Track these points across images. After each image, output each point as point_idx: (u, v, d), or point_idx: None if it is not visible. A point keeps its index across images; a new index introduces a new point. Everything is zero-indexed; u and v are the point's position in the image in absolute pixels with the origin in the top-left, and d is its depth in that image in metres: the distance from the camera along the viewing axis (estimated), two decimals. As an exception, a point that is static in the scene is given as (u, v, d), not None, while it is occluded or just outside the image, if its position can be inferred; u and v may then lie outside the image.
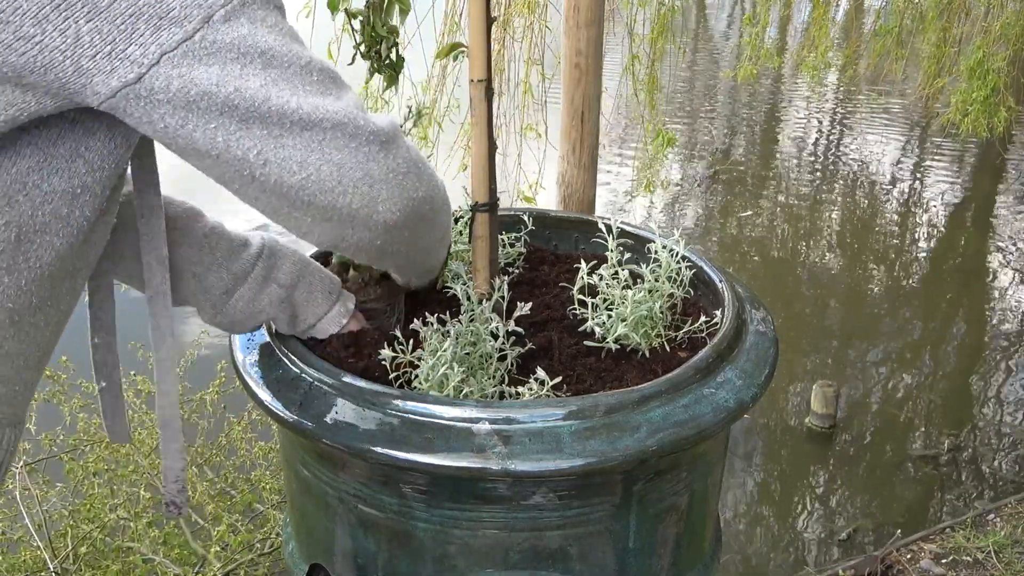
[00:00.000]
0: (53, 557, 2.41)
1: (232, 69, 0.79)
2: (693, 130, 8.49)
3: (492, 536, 1.05)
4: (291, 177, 0.84)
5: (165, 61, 0.77)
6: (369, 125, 0.87)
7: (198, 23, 0.77)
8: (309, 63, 0.84)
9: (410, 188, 0.92)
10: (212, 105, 0.80)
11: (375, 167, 0.88)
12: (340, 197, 0.87)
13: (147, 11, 0.76)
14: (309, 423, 1.03)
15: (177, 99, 0.79)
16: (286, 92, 0.82)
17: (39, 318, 0.89)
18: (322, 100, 0.84)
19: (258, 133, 0.82)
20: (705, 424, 1.03)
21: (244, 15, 0.80)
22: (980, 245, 6.34)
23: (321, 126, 0.84)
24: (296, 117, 0.82)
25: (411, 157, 0.92)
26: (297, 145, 0.83)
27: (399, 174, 0.90)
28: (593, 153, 2.26)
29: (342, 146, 0.85)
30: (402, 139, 0.92)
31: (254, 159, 0.83)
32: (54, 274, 0.88)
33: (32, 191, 0.83)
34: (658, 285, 1.24)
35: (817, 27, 6.10)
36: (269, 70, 0.81)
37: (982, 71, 4.85)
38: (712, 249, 6.07)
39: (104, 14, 0.75)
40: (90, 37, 0.75)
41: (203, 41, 0.78)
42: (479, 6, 1.14)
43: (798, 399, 4.44)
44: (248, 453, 2.83)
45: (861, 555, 3.15)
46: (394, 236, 0.95)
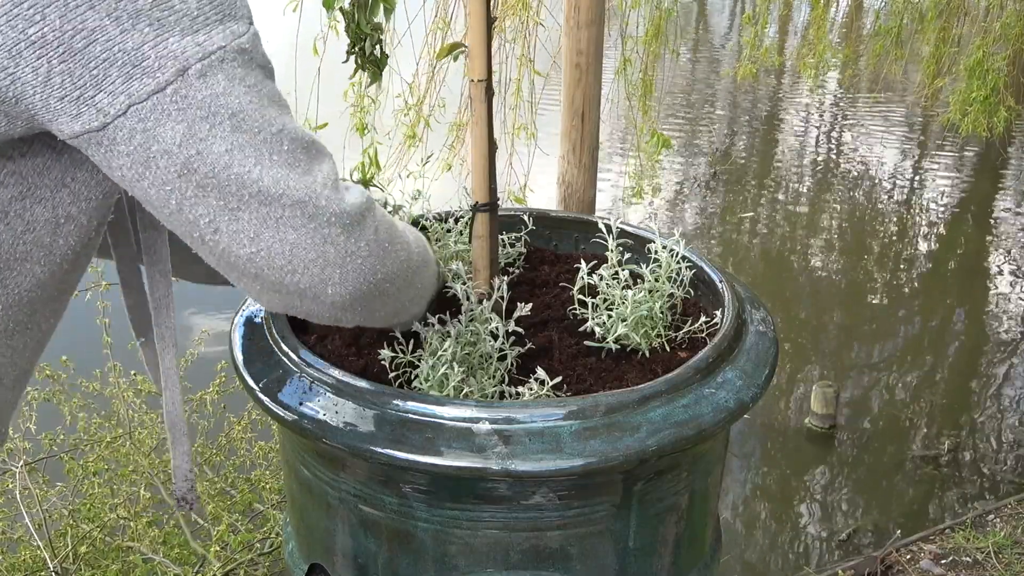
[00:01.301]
0: (53, 557, 2.41)
1: (199, 129, 0.76)
2: (693, 130, 8.49)
3: (492, 536, 1.05)
4: (240, 249, 0.82)
5: (132, 113, 0.74)
6: (332, 205, 0.83)
7: (172, 75, 0.75)
8: (281, 131, 0.80)
9: (368, 271, 0.88)
10: (171, 165, 0.77)
11: (331, 250, 0.84)
12: (289, 275, 0.84)
13: (121, 58, 0.73)
14: (309, 423, 1.03)
15: (137, 153, 0.76)
16: (250, 160, 0.78)
17: (16, 341, 0.88)
18: (287, 173, 0.80)
19: (213, 202, 0.79)
20: (705, 424, 1.03)
21: (222, 72, 0.77)
22: (980, 245, 6.34)
23: (280, 202, 0.80)
24: (255, 189, 0.79)
25: (377, 239, 0.89)
26: (252, 219, 0.80)
27: (358, 258, 0.86)
28: (593, 153, 2.26)
29: (299, 225, 0.82)
30: (370, 219, 0.88)
31: (205, 226, 0.80)
32: (33, 300, 0.86)
33: (13, 220, 0.81)
34: (658, 285, 1.24)
35: (816, 27, 6.10)
36: (237, 134, 0.78)
37: (982, 71, 4.85)
38: (712, 249, 6.08)
39: (77, 56, 0.72)
40: (60, 78, 0.73)
41: (175, 95, 0.75)
42: (479, 6, 1.13)
43: (798, 399, 4.44)
44: (248, 453, 2.84)
45: (861, 555, 3.15)
46: (347, 313, 0.92)
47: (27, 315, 0.86)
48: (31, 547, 2.45)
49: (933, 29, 5.70)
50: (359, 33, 1.16)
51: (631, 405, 1.01)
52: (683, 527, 1.16)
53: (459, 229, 1.40)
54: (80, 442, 2.71)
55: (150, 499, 2.63)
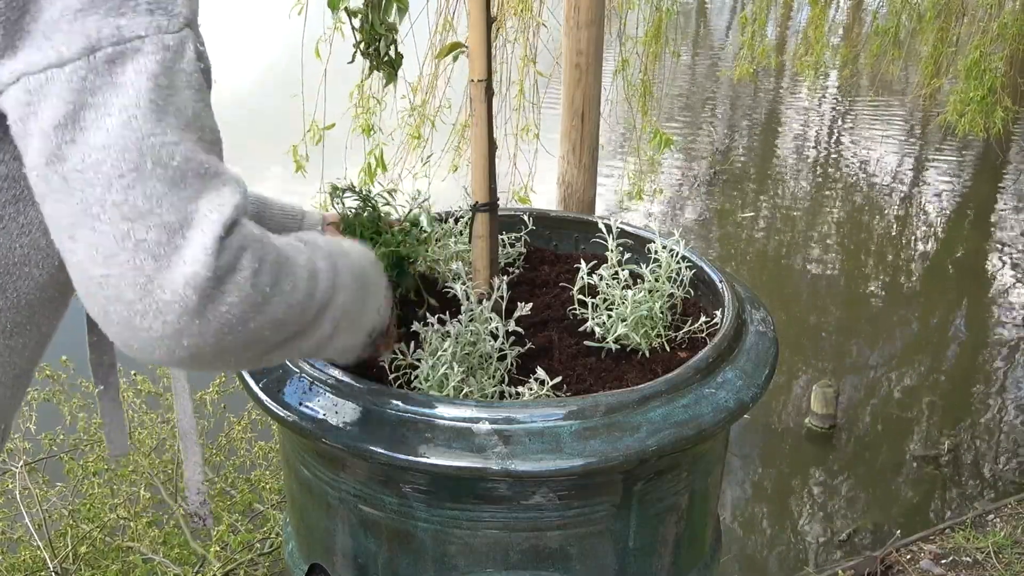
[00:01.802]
0: (53, 557, 2.41)
1: (83, 116, 0.69)
2: (693, 131, 8.49)
3: (492, 536, 1.05)
4: (94, 268, 0.71)
5: (22, 82, 0.69)
6: (204, 239, 0.71)
7: (76, 53, 0.68)
8: (174, 144, 0.71)
9: (236, 321, 0.74)
10: (43, 148, 0.69)
11: (191, 295, 0.71)
12: (139, 317, 0.71)
13: (39, 28, 0.69)
14: (309, 423, 1.03)
15: (17, 126, 0.70)
16: (126, 164, 0.69)
17: (15, 341, 0.86)
18: (165, 191, 0.70)
19: (76, 203, 0.69)
20: (705, 424, 1.03)
21: (132, 64, 0.70)
22: (980, 245, 6.34)
23: (146, 221, 0.69)
24: (122, 199, 0.69)
25: (256, 283, 0.74)
26: (111, 234, 0.69)
27: (222, 305, 0.73)
28: (593, 154, 2.26)
29: (161, 255, 0.70)
30: (246, 265, 0.74)
31: (64, 228, 0.71)
32: (32, 302, 0.84)
33: (9, 224, 0.78)
34: (658, 285, 1.24)
35: (815, 27, 6.10)
36: (124, 131, 0.69)
37: (979, 71, 4.85)
38: (712, 249, 6.08)
39: (11, 29, 0.69)
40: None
41: (72, 74, 0.68)
42: (479, 6, 1.14)
43: (798, 399, 4.44)
44: (248, 453, 2.84)
45: (861, 555, 3.15)
46: (219, 364, 0.79)
47: (26, 317, 0.85)
48: (31, 547, 2.46)
49: (931, 29, 5.70)
50: (373, 34, 1.15)
51: (631, 405, 1.01)
52: (683, 527, 1.16)
53: (459, 229, 1.40)
54: (80, 442, 2.72)
55: (150, 499, 2.64)
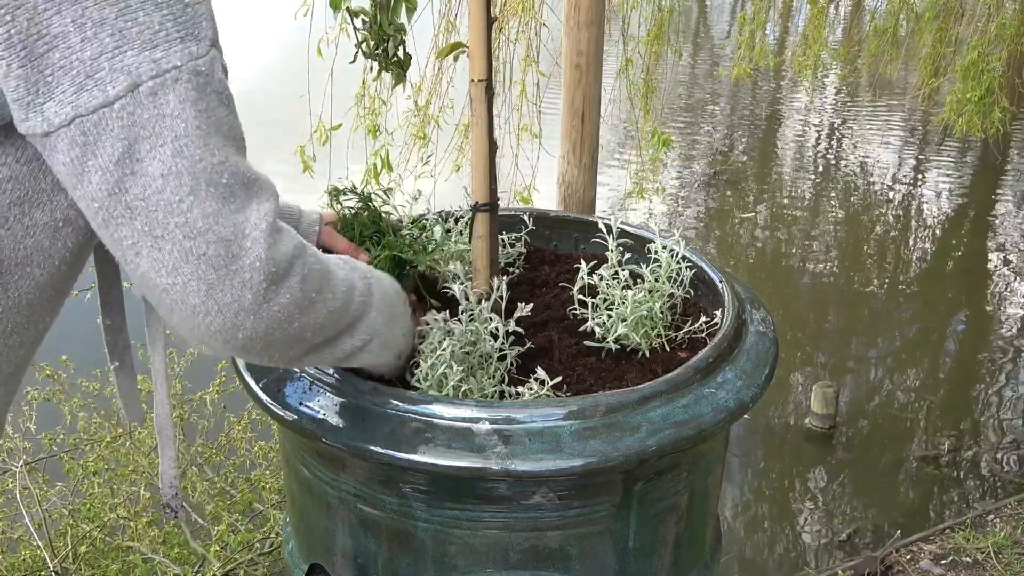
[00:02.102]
0: (53, 556, 2.41)
1: (138, 148, 0.74)
2: (693, 131, 8.49)
3: (492, 536, 1.05)
4: (158, 278, 0.79)
5: (76, 124, 0.73)
6: (258, 248, 0.80)
7: (122, 90, 0.73)
8: (223, 162, 0.78)
9: (284, 319, 0.84)
10: (103, 182, 0.75)
11: (248, 296, 0.80)
12: (202, 316, 0.80)
13: (76, 67, 0.72)
14: (309, 423, 1.03)
15: (74, 164, 0.75)
16: (184, 189, 0.76)
17: (13, 340, 0.88)
18: (219, 208, 0.78)
19: (138, 226, 0.77)
20: (705, 424, 1.03)
21: (173, 92, 0.75)
22: (980, 245, 6.34)
23: (204, 238, 0.77)
24: (182, 220, 0.76)
25: (303, 288, 0.85)
26: (173, 251, 0.77)
27: (275, 305, 0.82)
28: (593, 154, 2.26)
29: (220, 265, 0.78)
30: (298, 268, 0.84)
31: (127, 247, 0.78)
32: (32, 302, 0.86)
33: (14, 225, 0.81)
34: (658, 285, 1.24)
35: (814, 27, 6.10)
36: (177, 159, 0.75)
37: (977, 71, 4.84)
38: (712, 249, 6.08)
39: (36, 62, 0.72)
40: (16, 82, 0.72)
41: (121, 111, 0.73)
42: (479, 6, 1.13)
43: (798, 399, 4.44)
44: (248, 453, 2.84)
45: (861, 555, 3.15)
46: (262, 356, 0.88)
47: (25, 316, 0.86)
48: (31, 547, 2.46)
49: (929, 29, 5.70)
50: (381, 34, 1.15)
51: (631, 405, 1.01)
52: (683, 527, 1.16)
53: (459, 229, 1.40)
54: (80, 442, 2.72)
55: (150, 499, 2.63)
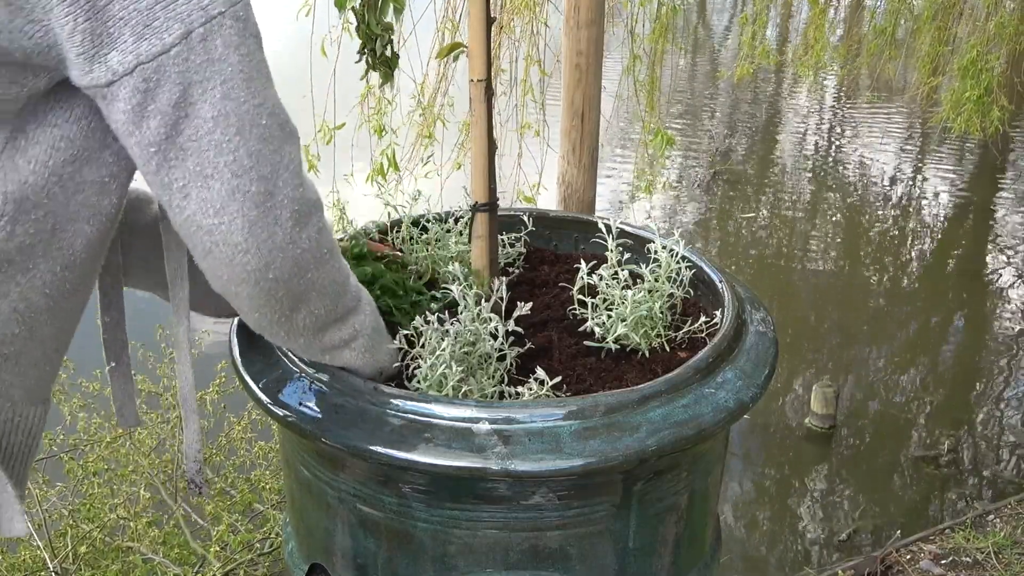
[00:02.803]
0: (53, 557, 2.41)
1: (192, 92, 0.79)
2: (693, 131, 8.49)
3: (492, 536, 1.05)
4: (205, 219, 0.84)
5: (138, 72, 0.78)
6: (288, 189, 0.86)
7: (177, 37, 0.78)
8: (262, 104, 0.83)
9: (303, 266, 0.90)
10: (161, 126, 0.80)
11: (279, 233, 0.86)
12: (241, 254, 0.85)
13: (135, 17, 0.76)
14: (309, 423, 1.03)
15: (135, 111, 0.79)
16: (232, 129, 0.81)
17: (71, 303, 0.92)
18: (260, 148, 0.83)
19: (191, 166, 0.82)
20: (705, 424, 1.03)
21: (220, 37, 0.79)
22: (979, 245, 6.34)
23: (249, 175, 0.83)
24: (232, 159, 0.82)
25: (320, 240, 0.91)
26: (222, 190, 0.82)
27: (298, 248, 0.88)
28: (593, 153, 2.26)
29: (260, 202, 0.84)
30: (316, 218, 0.90)
31: (177, 191, 0.83)
32: (83, 261, 0.90)
33: (67, 182, 0.85)
34: (658, 285, 1.24)
35: (814, 27, 6.10)
36: (225, 102, 0.81)
37: (975, 70, 4.84)
38: (712, 249, 6.08)
39: (99, 14, 0.76)
40: (81, 36, 0.76)
41: (177, 57, 0.78)
42: (479, 6, 1.14)
43: (798, 399, 4.44)
44: (248, 453, 2.84)
45: (861, 555, 3.15)
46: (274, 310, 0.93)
47: (79, 276, 0.91)
48: (31, 547, 2.45)
49: (928, 29, 5.70)
50: (370, 34, 1.15)
51: (631, 405, 1.01)
52: (683, 527, 1.16)
53: (459, 229, 1.40)
54: (80, 442, 2.72)
55: (150, 499, 2.64)
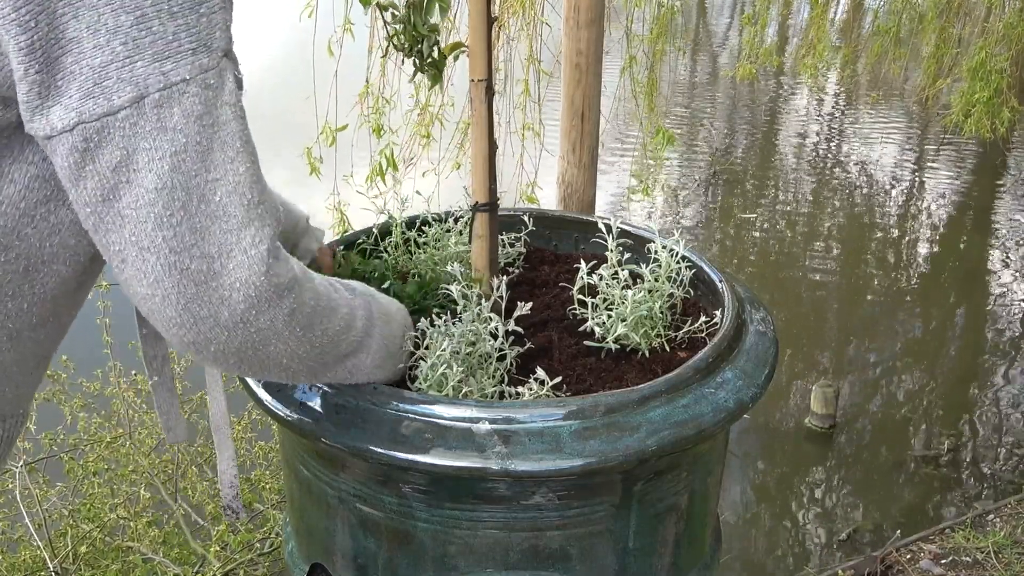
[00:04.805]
0: (53, 556, 2.41)
1: (136, 160, 0.74)
2: (693, 130, 8.49)
3: (492, 536, 1.05)
4: (139, 287, 0.79)
5: (78, 131, 0.73)
6: (241, 271, 0.79)
7: (127, 100, 0.73)
8: (218, 180, 0.77)
9: (259, 344, 0.84)
10: (98, 188, 0.75)
11: (225, 314, 0.80)
12: (176, 327, 0.80)
13: (86, 74, 0.72)
14: (309, 423, 1.03)
15: (72, 168, 0.75)
16: (176, 203, 0.75)
17: (39, 333, 0.89)
18: (208, 225, 0.77)
19: (127, 235, 0.76)
20: (705, 424, 1.03)
21: (179, 106, 0.74)
22: (981, 245, 6.34)
23: (190, 253, 0.77)
24: (171, 234, 0.76)
25: (290, 321, 0.84)
26: (157, 264, 0.77)
27: (252, 327, 0.82)
28: (593, 153, 2.26)
29: (201, 281, 0.78)
30: (288, 301, 0.83)
31: (113, 254, 0.79)
32: (57, 296, 0.87)
33: (40, 223, 0.82)
34: (658, 285, 1.24)
35: (815, 27, 6.10)
36: (174, 175, 0.75)
37: (984, 72, 4.84)
38: (712, 249, 6.07)
39: (50, 67, 0.72)
40: (29, 85, 0.72)
41: (125, 121, 0.73)
42: (479, 6, 1.13)
43: (798, 399, 4.44)
44: (248, 453, 2.84)
45: (861, 555, 3.15)
46: (235, 370, 0.89)
47: (50, 311, 0.88)
48: (31, 547, 2.46)
49: (932, 29, 5.70)
50: (416, 36, 1.13)
51: (631, 405, 1.01)
52: (683, 527, 1.16)
53: (459, 229, 1.40)
54: (80, 442, 2.72)
55: (150, 499, 2.64)
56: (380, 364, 1.03)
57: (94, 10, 0.71)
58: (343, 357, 0.97)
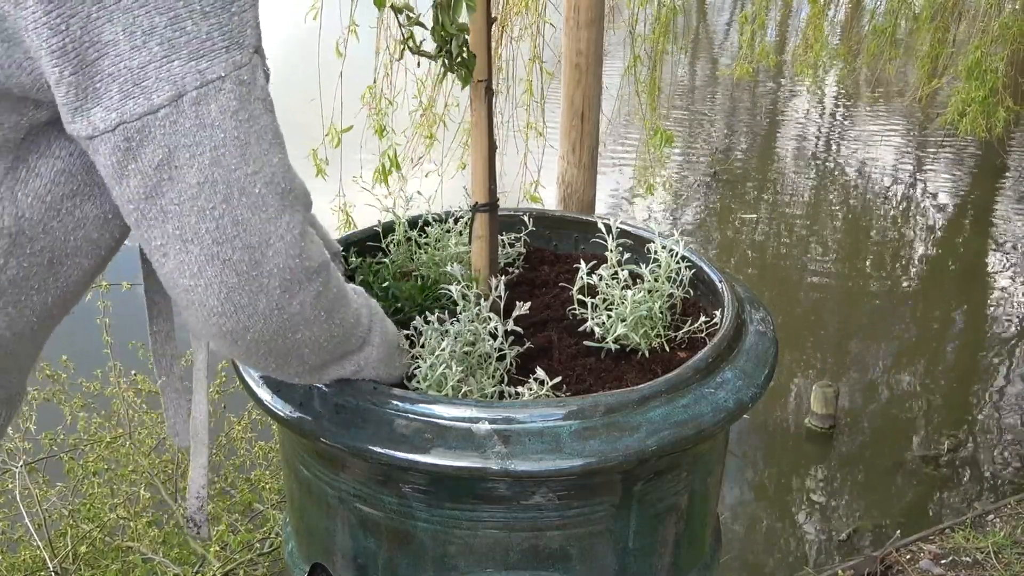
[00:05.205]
0: (53, 557, 2.41)
1: (178, 156, 0.76)
2: (693, 130, 8.49)
3: (492, 536, 1.05)
4: (182, 279, 0.81)
5: (120, 131, 0.75)
6: (279, 258, 0.82)
7: (167, 99, 0.75)
8: (256, 173, 0.79)
9: (290, 329, 0.87)
10: (141, 186, 0.77)
11: (263, 301, 0.83)
12: (217, 317, 0.83)
13: (124, 75, 0.73)
14: (309, 423, 1.03)
15: (115, 167, 0.77)
16: (218, 197, 0.78)
17: (52, 323, 0.92)
18: (249, 216, 0.80)
19: (170, 229, 0.79)
20: (705, 424, 1.03)
21: (216, 102, 0.76)
22: (980, 245, 6.34)
23: (232, 244, 0.79)
24: (213, 226, 0.78)
25: (316, 305, 0.87)
26: (200, 255, 0.79)
27: (285, 314, 0.85)
28: (593, 153, 2.26)
29: (242, 271, 0.81)
30: (315, 284, 0.86)
31: (155, 249, 0.81)
32: (78, 288, 0.90)
33: (66, 217, 0.83)
34: (658, 285, 1.24)
35: (814, 26, 6.10)
36: (214, 169, 0.77)
37: (980, 71, 4.83)
38: (712, 249, 6.08)
39: (87, 69, 0.73)
40: (67, 88, 0.74)
41: (165, 119, 0.75)
42: (479, 6, 1.13)
43: (798, 399, 4.44)
44: (248, 453, 2.84)
45: (861, 555, 3.15)
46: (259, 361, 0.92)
47: (70, 302, 0.91)
48: (31, 547, 2.46)
49: (928, 29, 5.69)
50: (445, 35, 1.13)
51: (631, 405, 1.01)
52: (683, 527, 1.16)
53: (459, 229, 1.40)
54: (80, 442, 2.72)
55: (150, 499, 2.64)
56: (383, 359, 1.05)
57: (129, 13, 0.72)
58: (354, 350, 0.99)
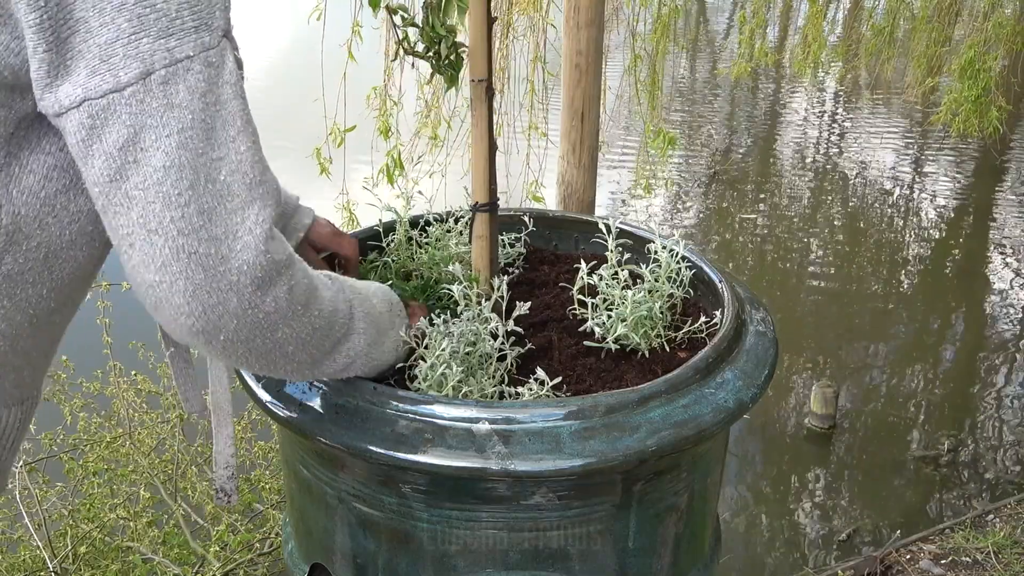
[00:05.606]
0: (53, 557, 2.41)
1: (144, 137, 0.74)
2: (693, 130, 8.49)
3: (492, 536, 1.05)
4: (147, 273, 0.78)
5: (84, 107, 0.74)
6: (246, 254, 0.79)
7: (134, 77, 0.73)
8: (222, 159, 0.77)
9: (268, 328, 0.84)
10: (106, 167, 0.75)
11: (234, 301, 0.80)
12: (184, 317, 0.79)
13: (93, 51, 0.73)
14: (309, 423, 1.03)
15: (80, 146, 0.75)
16: (183, 183, 0.76)
17: (55, 318, 0.91)
18: (215, 205, 0.77)
19: (135, 217, 0.76)
20: (705, 424, 1.03)
21: (184, 82, 0.75)
22: (978, 245, 6.34)
23: (198, 235, 0.77)
24: (178, 215, 0.76)
25: (290, 299, 0.84)
26: (165, 247, 0.76)
27: (260, 312, 0.82)
28: (593, 153, 2.26)
29: (209, 267, 0.78)
30: (286, 278, 0.83)
31: (122, 237, 0.78)
32: (74, 282, 0.89)
33: (60, 212, 0.83)
34: (658, 285, 1.24)
35: (813, 26, 6.10)
36: (181, 152, 0.75)
37: (973, 71, 4.83)
38: (712, 249, 6.08)
39: (60, 46, 0.73)
40: (39, 63, 0.74)
41: (131, 98, 0.74)
42: (479, 6, 1.13)
43: (798, 399, 4.44)
44: (248, 453, 2.84)
45: (861, 555, 3.15)
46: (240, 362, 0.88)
47: (67, 295, 0.90)
48: (31, 547, 2.46)
49: (925, 29, 5.70)
50: (434, 36, 1.12)
51: (631, 405, 1.01)
52: (683, 527, 1.16)
53: (459, 229, 1.40)
54: (80, 442, 2.72)
55: (150, 499, 2.64)
56: (375, 341, 1.02)
57: None
58: (339, 340, 0.96)
